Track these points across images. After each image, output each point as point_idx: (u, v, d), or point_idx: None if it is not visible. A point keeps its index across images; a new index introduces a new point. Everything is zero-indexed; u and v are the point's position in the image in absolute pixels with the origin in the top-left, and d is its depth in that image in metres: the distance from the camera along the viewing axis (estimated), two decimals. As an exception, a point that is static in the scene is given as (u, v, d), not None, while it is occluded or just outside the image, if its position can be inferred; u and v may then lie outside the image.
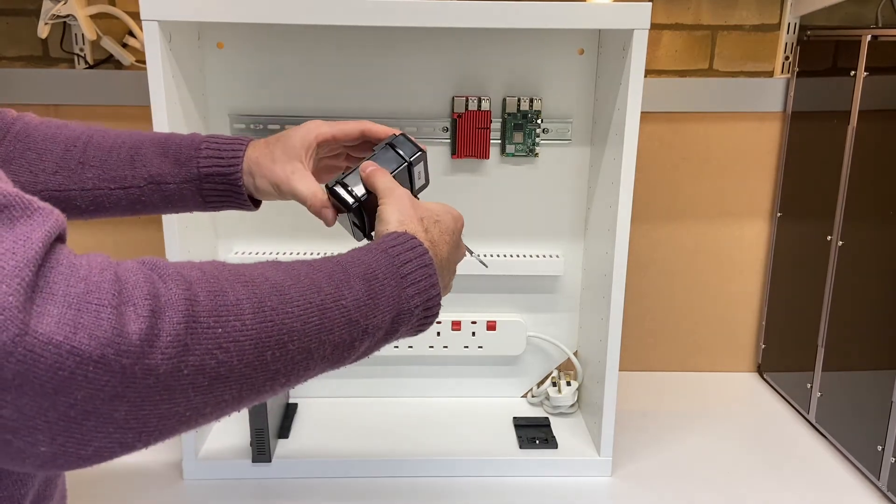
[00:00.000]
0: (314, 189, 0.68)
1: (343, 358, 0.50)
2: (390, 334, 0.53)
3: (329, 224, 0.68)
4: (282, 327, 0.44)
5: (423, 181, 0.72)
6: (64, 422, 0.37)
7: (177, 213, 0.74)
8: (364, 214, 0.67)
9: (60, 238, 0.40)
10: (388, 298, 0.52)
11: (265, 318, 0.43)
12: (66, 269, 0.37)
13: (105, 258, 0.40)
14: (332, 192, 0.67)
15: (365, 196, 0.66)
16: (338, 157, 0.76)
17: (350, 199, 0.66)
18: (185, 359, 0.39)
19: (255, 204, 0.73)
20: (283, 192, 0.70)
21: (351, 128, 0.71)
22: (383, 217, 0.60)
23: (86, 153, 0.70)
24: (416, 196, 0.69)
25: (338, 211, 0.68)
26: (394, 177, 0.66)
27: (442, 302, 0.57)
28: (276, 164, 0.69)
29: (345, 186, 0.67)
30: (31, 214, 0.38)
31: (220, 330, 0.41)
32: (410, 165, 0.69)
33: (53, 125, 0.71)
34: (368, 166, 0.66)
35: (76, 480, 0.90)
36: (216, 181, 0.70)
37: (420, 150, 0.70)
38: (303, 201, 0.68)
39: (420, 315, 0.55)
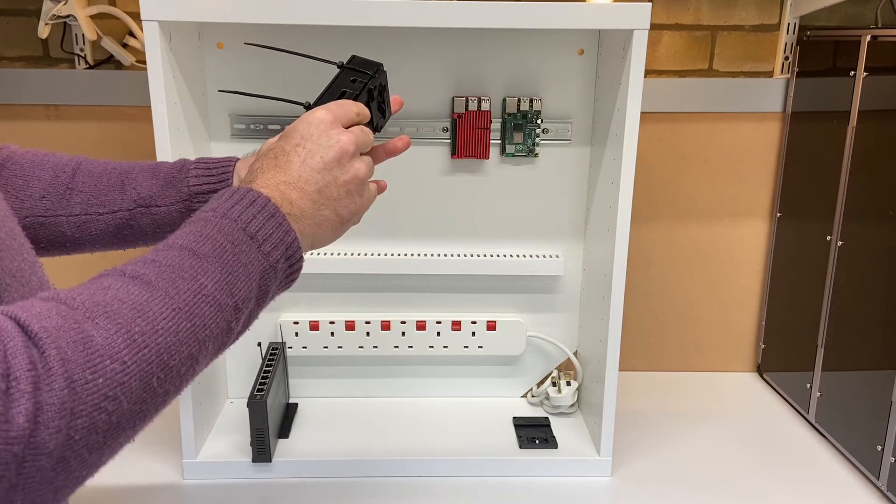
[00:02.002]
0: None
1: (225, 343, 0.48)
2: (262, 298, 0.51)
3: None
4: (158, 348, 0.41)
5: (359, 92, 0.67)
6: None
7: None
8: None
9: None
10: (246, 266, 0.49)
11: (139, 346, 0.40)
12: None
13: None
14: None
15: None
16: None
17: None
18: (73, 424, 0.35)
19: None
20: None
21: None
22: None
23: (74, 179, 0.70)
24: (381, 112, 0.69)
25: None
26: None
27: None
28: None
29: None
30: None
31: (101, 380, 0.37)
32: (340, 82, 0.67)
33: (40, 153, 0.71)
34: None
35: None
36: (207, 200, 0.71)
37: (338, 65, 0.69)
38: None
39: (285, 267, 0.52)
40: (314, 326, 1.14)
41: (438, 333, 1.15)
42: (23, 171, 0.69)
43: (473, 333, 1.15)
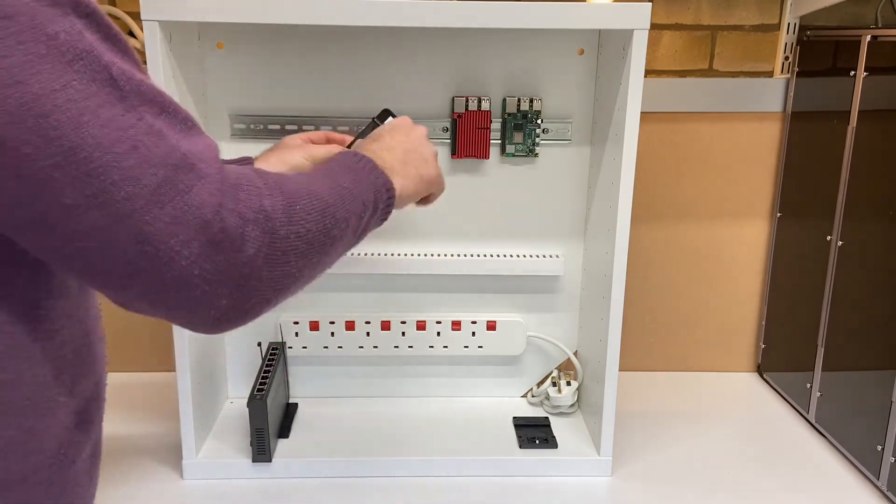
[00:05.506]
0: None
1: (357, 227, 0.63)
2: (375, 210, 0.66)
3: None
4: (326, 202, 0.57)
5: None
6: (237, 279, 0.48)
7: None
8: None
9: None
10: (364, 183, 0.66)
11: (316, 197, 0.56)
12: (223, 164, 0.50)
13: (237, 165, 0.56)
14: None
15: None
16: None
17: None
18: (291, 228, 0.52)
19: None
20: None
21: (317, 135, 0.92)
22: None
23: None
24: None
25: None
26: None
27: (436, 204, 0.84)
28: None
29: None
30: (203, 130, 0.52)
31: (299, 206, 0.54)
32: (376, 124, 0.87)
33: None
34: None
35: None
36: None
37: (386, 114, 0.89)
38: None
39: (385, 197, 0.68)
40: (314, 326, 1.14)
41: (438, 333, 1.15)
42: None
43: (473, 333, 1.15)
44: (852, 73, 1.03)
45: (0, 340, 0.48)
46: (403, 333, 1.15)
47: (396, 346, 1.15)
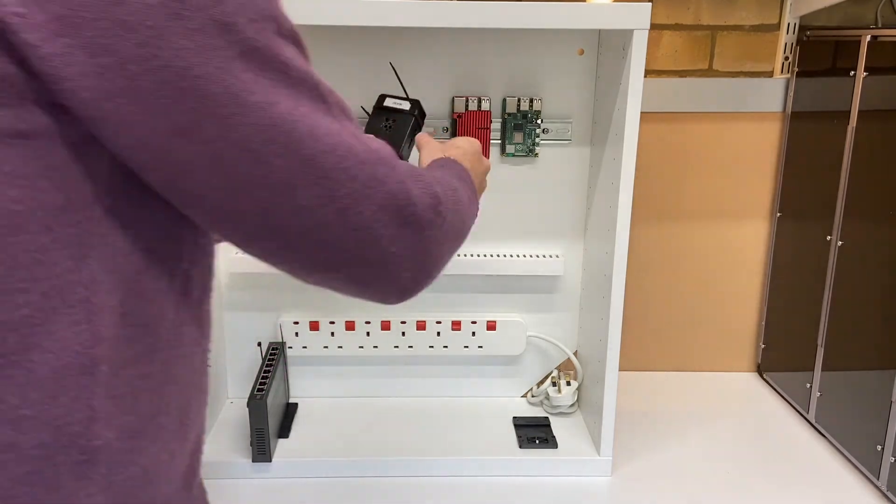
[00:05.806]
0: None
1: (469, 229, 0.69)
2: (473, 203, 0.73)
3: None
4: (463, 197, 0.66)
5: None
6: (418, 255, 0.55)
7: None
8: None
9: None
10: (471, 193, 0.73)
11: (458, 191, 0.65)
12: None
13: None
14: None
15: None
16: None
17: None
18: (449, 215, 0.59)
19: None
20: None
21: None
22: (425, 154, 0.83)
23: None
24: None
25: None
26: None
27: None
28: None
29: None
30: None
31: (454, 197, 0.62)
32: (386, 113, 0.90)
33: None
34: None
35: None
36: None
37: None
38: None
39: (474, 191, 0.75)
40: (314, 326, 1.14)
41: (438, 333, 1.15)
42: None
43: (473, 333, 1.15)
44: (852, 73, 1.03)
45: (154, 368, 0.51)
46: (403, 333, 1.15)
47: (396, 346, 1.15)
